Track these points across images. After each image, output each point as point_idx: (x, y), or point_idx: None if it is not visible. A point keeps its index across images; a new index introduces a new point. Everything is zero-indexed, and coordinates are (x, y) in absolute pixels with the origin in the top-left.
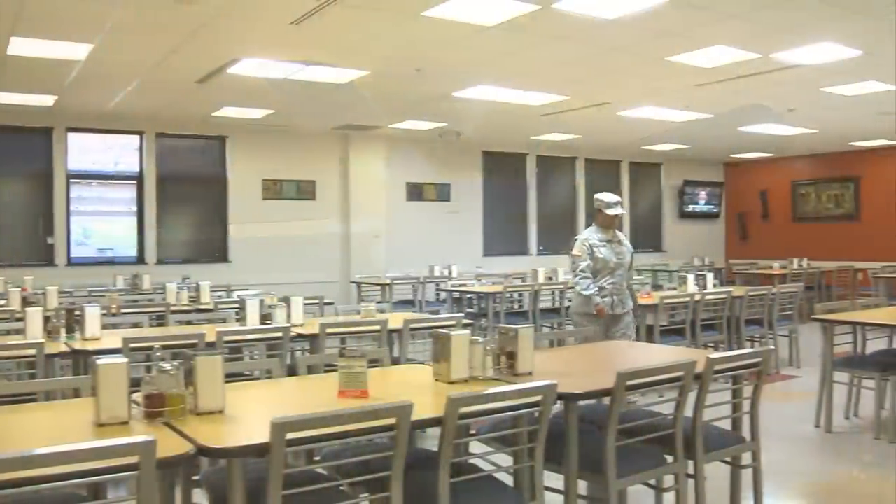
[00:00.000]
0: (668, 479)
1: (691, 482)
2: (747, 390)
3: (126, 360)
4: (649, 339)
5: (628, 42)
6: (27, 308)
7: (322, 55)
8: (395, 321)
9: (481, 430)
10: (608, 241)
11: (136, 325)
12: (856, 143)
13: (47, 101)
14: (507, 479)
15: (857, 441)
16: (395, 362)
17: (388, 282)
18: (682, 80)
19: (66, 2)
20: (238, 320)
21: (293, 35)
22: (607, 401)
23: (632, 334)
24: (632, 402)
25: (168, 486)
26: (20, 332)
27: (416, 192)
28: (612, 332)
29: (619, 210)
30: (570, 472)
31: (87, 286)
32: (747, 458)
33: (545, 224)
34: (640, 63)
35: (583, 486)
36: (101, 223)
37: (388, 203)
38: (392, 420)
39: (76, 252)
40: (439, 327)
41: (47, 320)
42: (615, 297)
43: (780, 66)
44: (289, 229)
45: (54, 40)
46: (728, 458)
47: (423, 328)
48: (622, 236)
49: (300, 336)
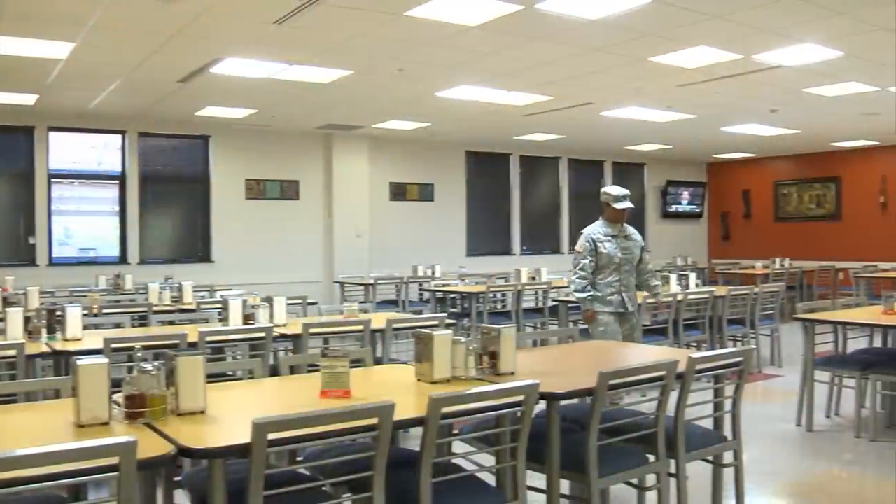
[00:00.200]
0: (651, 479)
1: (673, 481)
2: (729, 389)
3: (106, 360)
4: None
5: (611, 42)
6: (8, 308)
7: (305, 55)
8: (378, 321)
9: (464, 430)
10: (614, 235)
11: (118, 326)
12: (837, 144)
13: (28, 99)
14: (490, 479)
15: (838, 440)
16: (378, 362)
17: (372, 282)
18: (665, 81)
19: (47, 0)
20: (221, 320)
21: (276, 34)
22: (591, 400)
23: (638, 335)
24: (615, 403)
25: (150, 487)
26: (0, 332)
27: (399, 191)
28: (623, 332)
29: (628, 203)
30: (553, 472)
31: (69, 286)
32: (729, 457)
33: (529, 224)
34: (622, 63)
35: (565, 486)
36: (84, 223)
37: (372, 203)
38: (374, 420)
39: (58, 252)
40: (422, 327)
41: (28, 321)
42: (623, 294)
43: (762, 66)
44: (272, 229)
45: (35, 39)
46: (710, 457)
47: (406, 328)
48: (631, 231)
49: (283, 336)
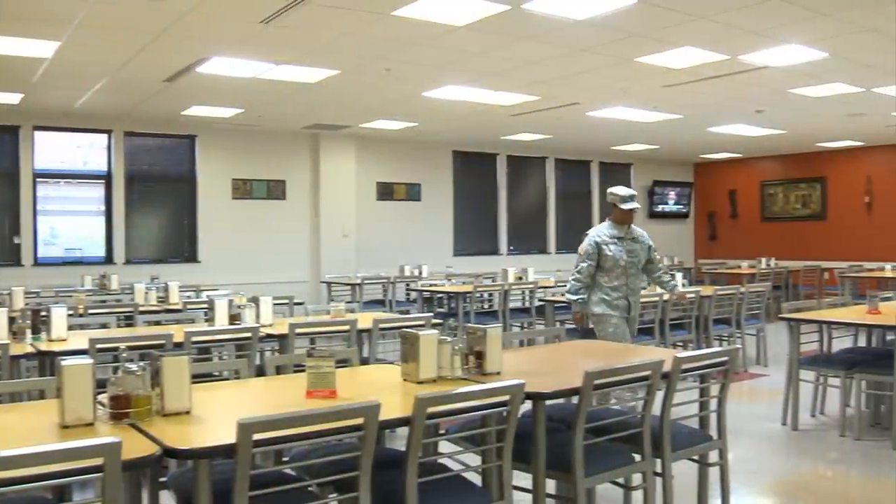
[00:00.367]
0: (637, 478)
1: (659, 480)
2: (715, 389)
3: (91, 361)
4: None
5: (597, 43)
6: None
7: (292, 54)
8: (365, 321)
9: (450, 430)
10: (620, 238)
11: (103, 326)
12: (822, 145)
13: (13, 98)
14: (476, 479)
15: (823, 438)
16: (364, 362)
17: (359, 282)
18: (651, 81)
19: None
20: (207, 321)
21: (262, 34)
22: (577, 400)
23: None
24: (603, 403)
25: (135, 488)
26: None
27: (386, 191)
28: (624, 336)
29: (635, 204)
30: (539, 471)
31: (55, 286)
32: (714, 456)
33: (515, 224)
34: (609, 64)
35: (551, 485)
36: (69, 223)
37: (359, 203)
38: (360, 420)
39: (43, 252)
40: (409, 327)
41: (13, 321)
42: (629, 299)
43: (748, 67)
44: (259, 229)
45: (20, 37)
46: (695, 457)
47: (393, 328)
48: (639, 232)
49: (269, 336)
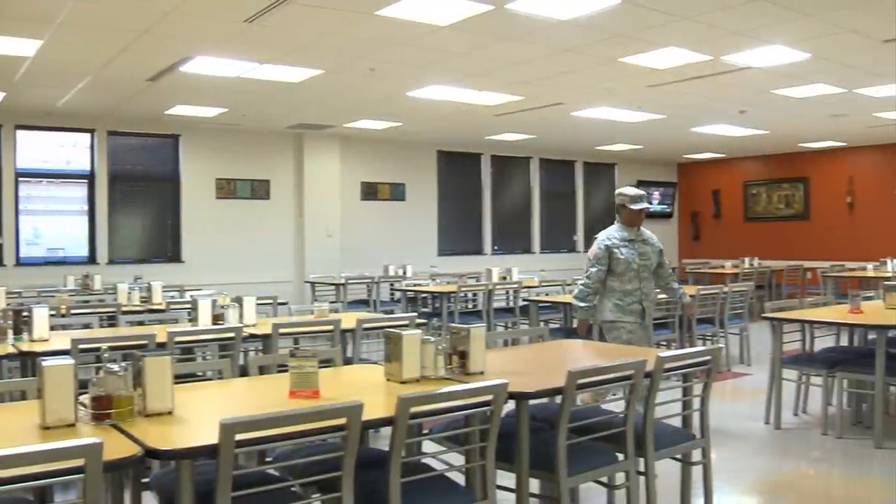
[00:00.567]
0: (620, 477)
1: (642, 479)
2: (698, 388)
3: (72, 361)
4: (601, 337)
5: (581, 43)
6: None
7: (275, 54)
8: (349, 321)
9: (434, 430)
10: (631, 240)
11: (86, 326)
12: (805, 145)
13: None
14: (460, 479)
15: (805, 437)
16: (348, 362)
17: (343, 281)
18: (635, 81)
19: None
20: (190, 321)
21: (246, 33)
22: (560, 399)
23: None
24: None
25: (118, 489)
26: None
27: (370, 191)
28: (637, 341)
29: (645, 204)
30: (522, 471)
31: (37, 286)
32: (697, 455)
33: (500, 224)
34: (593, 64)
35: (535, 485)
36: (52, 222)
37: (343, 202)
38: (342, 420)
39: (26, 252)
40: (392, 327)
41: None
42: (644, 304)
43: (731, 68)
44: (243, 229)
45: (2, 36)
46: (678, 455)
47: (377, 328)
48: (648, 234)
49: (253, 336)
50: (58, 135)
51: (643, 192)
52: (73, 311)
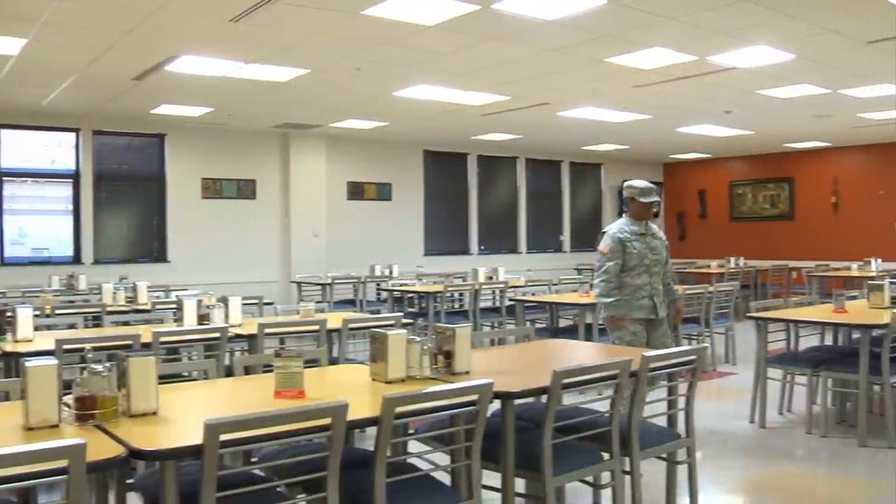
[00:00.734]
0: (606, 476)
1: (628, 478)
2: (683, 387)
3: (56, 361)
4: (588, 337)
5: (567, 43)
6: None
7: (261, 53)
8: (335, 321)
9: (420, 430)
10: (642, 234)
11: (71, 327)
12: (790, 145)
13: None
14: (445, 478)
15: (790, 436)
16: (334, 362)
17: (329, 281)
18: (621, 82)
19: None
20: (176, 321)
21: (232, 32)
22: (545, 399)
23: (669, 343)
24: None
25: (102, 490)
26: None
27: (356, 191)
28: (652, 340)
29: (656, 197)
30: (508, 471)
31: (22, 286)
32: (683, 454)
33: (486, 224)
34: (579, 64)
35: (520, 484)
36: (37, 222)
37: (329, 202)
38: (327, 420)
39: (10, 252)
40: (378, 327)
41: None
42: (654, 299)
43: (717, 68)
44: (229, 229)
45: None
46: (664, 455)
47: (363, 328)
48: (655, 228)
49: (238, 336)
50: (42, 134)
51: (653, 185)
52: (57, 312)
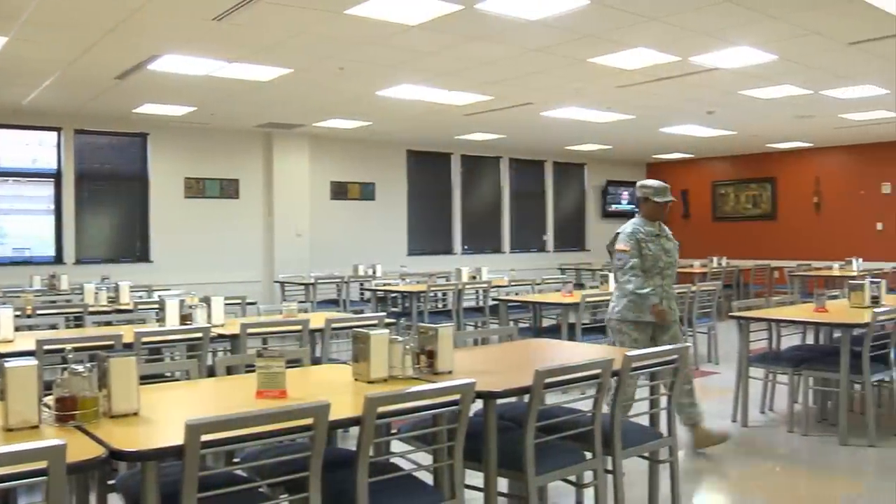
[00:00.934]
0: (588, 475)
1: (610, 478)
2: (665, 387)
3: (35, 362)
4: (571, 336)
5: (551, 43)
6: None
7: (244, 52)
8: (318, 321)
9: (402, 429)
10: (656, 235)
11: (52, 327)
12: (772, 145)
13: None
14: (428, 478)
15: (772, 434)
16: (316, 362)
17: (312, 281)
18: (604, 82)
19: None
20: (158, 321)
21: (215, 31)
22: (527, 398)
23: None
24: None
25: (83, 491)
26: None
27: (340, 190)
28: (661, 344)
29: (670, 197)
30: (490, 470)
31: (2, 287)
32: (665, 453)
33: (470, 223)
34: (562, 64)
35: (503, 484)
36: (18, 222)
37: (313, 202)
38: (309, 420)
39: None
40: (361, 327)
41: None
42: (664, 301)
43: (699, 68)
44: (212, 228)
45: None
46: (646, 454)
47: (346, 328)
48: (668, 230)
49: (221, 336)
50: (24, 133)
51: (667, 185)
52: (38, 312)
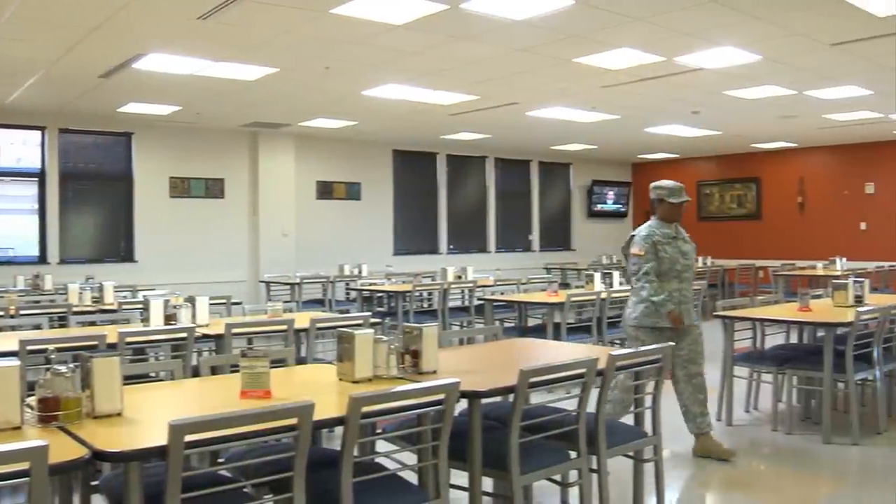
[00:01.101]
0: (573, 475)
1: (595, 477)
2: (650, 385)
3: (18, 362)
4: (556, 336)
5: (536, 43)
6: None
7: (230, 51)
8: (303, 321)
9: (387, 429)
10: (673, 237)
11: (36, 327)
12: (757, 146)
13: None
14: (413, 478)
15: (756, 433)
16: (301, 362)
17: (298, 281)
18: (589, 82)
19: None
20: (142, 321)
21: (200, 30)
22: (512, 398)
23: (701, 350)
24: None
25: (66, 492)
26: None
27: (326, 190)
28: (679, 349)
29: (686, 197)
30: (475, 470)
31: None
32: (650, 452)
33: (455, 223)
34: (547, 64)
35: (488, 483)
36: (1, 221)
37: (298, 202)
38: (294, 420)
39: None
40: (346, 326)
41: None
42: (682, 305)
43: (684, 69)
44: (197, 228)
45: None
46: (631, 453)
47: (331, 327)
48: (684, 232)
49: (206, 336)
50: (7, 132)
51: (682, 185)
52: (22, 312)
